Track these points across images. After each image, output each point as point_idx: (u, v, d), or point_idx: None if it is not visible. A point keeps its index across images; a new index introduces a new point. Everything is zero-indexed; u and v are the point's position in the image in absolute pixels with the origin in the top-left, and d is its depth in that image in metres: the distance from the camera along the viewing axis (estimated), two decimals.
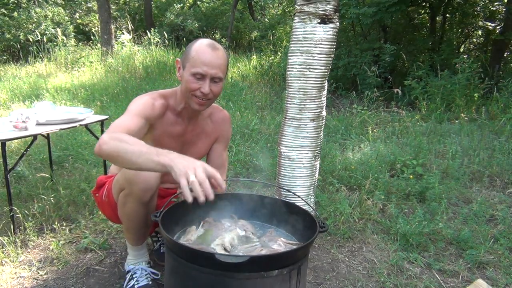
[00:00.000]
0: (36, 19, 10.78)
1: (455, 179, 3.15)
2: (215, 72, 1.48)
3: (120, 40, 9.15)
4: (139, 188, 1.47)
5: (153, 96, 1.58)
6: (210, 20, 14.63)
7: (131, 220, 1.61)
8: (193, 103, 1.54)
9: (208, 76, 1.48)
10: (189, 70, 1.48)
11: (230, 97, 5.86)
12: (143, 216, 1.57)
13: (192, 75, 1.48)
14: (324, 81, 2.02)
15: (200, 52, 1.48)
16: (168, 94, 1.64)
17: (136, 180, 1.46)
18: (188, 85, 1.49)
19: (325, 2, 1.87)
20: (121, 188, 1.55)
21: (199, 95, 1.50)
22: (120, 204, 1.59)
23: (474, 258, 2.07)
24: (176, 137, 1.67)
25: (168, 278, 1.27)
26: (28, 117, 2.09)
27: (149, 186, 1.48)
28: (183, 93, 1.55)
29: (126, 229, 1.69)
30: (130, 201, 1.53)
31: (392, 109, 5.28)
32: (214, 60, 1.48)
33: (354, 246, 2.23)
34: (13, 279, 1.80)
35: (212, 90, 1.50)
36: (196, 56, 1.47)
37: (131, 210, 1.56)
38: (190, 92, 1.50)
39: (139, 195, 1.48)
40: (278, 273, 1.12)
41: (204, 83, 1.48)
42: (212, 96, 1.53)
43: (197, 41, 1.53)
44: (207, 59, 1.46)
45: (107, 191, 1.69)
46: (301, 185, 2.10)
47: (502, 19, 7.71)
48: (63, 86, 6.57)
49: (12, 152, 3.42)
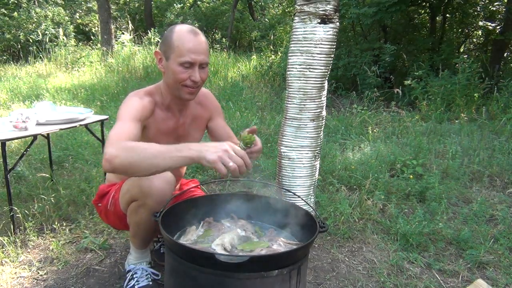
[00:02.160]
0: (36, 19, 10.78)
1: (455, 179, 3.15)
2: (202, 58, 1.46)
3: (120, 40, 9.15)
4: (153, 201, 1.44)
5: (139, 95, 1.53)
6: (210, 20, 14.64)
7: (141, 228, 1.59)
8: (183, 93, 1.50)
9: (197, 63, 1.45)
10: (175, 60, 1.44)
11: (230, 97, 5.86)
12: (153, 225, 1.56)
13: (180, 65, 1.44)
14: (324, 81, 2.02)
15: (183, 40, 1.43)
16: (153, 91, 1.59)
17: (152, 193, 1.43)
18: (177, 75, 1.45)
19: (325, 2, 1.87)
20: (133, 198, 1.51)
21: (189, 84, 1.47)
22: (130, 213, 1.56)
23: (474, 258, 2.07)
24: (170, 132, 1.63)
25: (168, 278, 1.27)
26: (28, 117, 2.09)
27: (164, 198, 1.44)
28: (171, 85, 1.51)
29: (133, 235, 1.67)
30: (142, 212, 1.50)
31: (392, 109, 5.27)
32: (199, 46, 1.45)
33: (354, 246, 2.23)
34: (13, 279, 1.80)
35: (201, 76, 1.48)
36: (181, 44, 1.43)
37: (141, 220, 1.53)
38: (180, 83, 1.47)
39: (153, 207, 1.44)
40: (278, 273, 1.12)
41: (194, 71, 1.45)
42: (201, 82, 1.50)
43: (176, 28, 1.48)
44: (192, 46, 1.43)
45: (114, 200, 1.65)
46: (301, 185, 2.10)
47: (502, 19, 7.71)
48: (63, 86, 6.58)
49: (12, 152, 3.42)
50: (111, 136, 1.31)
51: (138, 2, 16.16)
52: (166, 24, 13.08)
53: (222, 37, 11.31)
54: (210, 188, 3.01)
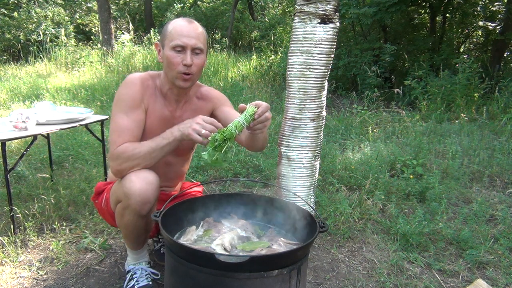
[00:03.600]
0: (36, 19, 10.78)
1: (455, 179, 3.15)
2: (194, 42, 1.47)
3: (120, 40, 9.15)
4: (136, 202, 1.42)
5: (141, 77, 1.57)
6: (210, 20, 14.65)
7: (130, 231, 1.58)
8: (178, 81, 1.51)
9: (189, 47, 1.47)
10: (168, 46, 1.48)
11: (230, 97, 5.85)
12: (141, 227, 1.55)
13: (172, 49, 1.47)
14: (324, 81, 2.01)
15: (176, 26, 1.49)
16: (154, 75, 1.63)
17: (133, 194, 1.41)
18: (170, 60, 1.48)
19: (325, 2, 1.87)
20: (118, 200, 1.51)
21: (182, 69, 1.48)
22: (117, 215, 1.56)
23: (474, 258, 2.07)
24: (165, 121, 1.61)
25: (168, 278, 1.27)
26: (28, 117, 2.09)
27: (146, 199, 1.43)
28: (167, 73, 1.53)
29: (125, 237, 1.67)
30: (127, 214, 1.49)
31: (392, 109, 5.28)
32: (192, 31, 1.48)
33: (354, 246, 2.23)
34: (13, 279, 1.80)
35: (194, 62, 1.48)
36: (173, 30, 1.48)
37: (129, 222, 1.52)
38: (173, 68, 1.48)
39: (136, 208, 1.44)
40: (278, 273, 1.12)
41: (186, 55, 1.47)
42: (196, 69, 1.51)
43: (172, 20, 1.55)
44: (184, 30, 1.47)
45: (106, 200, 1.67)
46: (301, 185, 2.09)
47: (502, 19, 7.72)
48: (63, 86, 6.57)
49: (12, 152, 3.42)
50: (112, 133, 1.43)
51: (138, 2, 16.16)
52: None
53: (222, 37, 11.31)
54: (210, 188, 3.01)
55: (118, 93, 1.54)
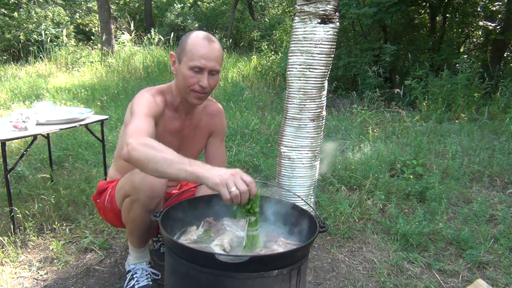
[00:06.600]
0: (36, 19, 10.78)
1: (455, 179, 3.15)
2: (213, 65, 1.47)
3: (120, 40, 9.15)
4: (145, 195, 1.46)
5: (152, 93, 1.56)
6: (210, 20, 14.66)
7: (136, 225, 1.60)
8: (191, 98, 1.53)
9: (207, 69, 1.47)
10: (186, 64, 1.47)
11: (230, 97, 5.86)
12: (148, 222, 1.56)
13: (190, 69, 1.47)
14: (324, 81, 2.02)
15: (196, 45, 1.46)
16: (165, 90, 1.62)
17: (143, 188, 1.45)
18: (186, 79, 1.48)
19: (325, 2, 1.87)
20: (126, 194, 1.53)
21: (197, 89, 1.49)
22: (124, 210, 1.57)
23: (474, 258, 2.07)
24: (175, 133, 1.66)
25: (168, 278, 1.27)
26: (28, 117, 2.09)
27: (156, 193, 1.47)
28: (180, 88, 1.54)
29: (129, 233, 1.68)
30: (135, 208, 1.51)
31: (392, 109, 5.28)
32: (211, 53, 1.47)
33: (354, 246, 2.23)
34: (13, 279, 1.80)
35: (209, 83, 1.49)
36: (194, 49, 1.46)
37: (136, 216, 1.54)
38: (189, 87, 1.49)
39: (145, 202, 1.47)
40: (278, 273, 1.12)
41: (203, 77, 1.47)
42: (210, 89, 1.52)
43: (192, 34, 1.52)
44: (204, 52, 1.45)
45: (110, 197, 1.67)
46: (301, 185, 2.10)
47: (502, 19, 7.72)
48: (63, 86, 6.58)
49: (12, 152, 3.42)
50: (131, 131, 1.34)
51: (138, 2, 16.17)
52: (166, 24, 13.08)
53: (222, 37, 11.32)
54: None
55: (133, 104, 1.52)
